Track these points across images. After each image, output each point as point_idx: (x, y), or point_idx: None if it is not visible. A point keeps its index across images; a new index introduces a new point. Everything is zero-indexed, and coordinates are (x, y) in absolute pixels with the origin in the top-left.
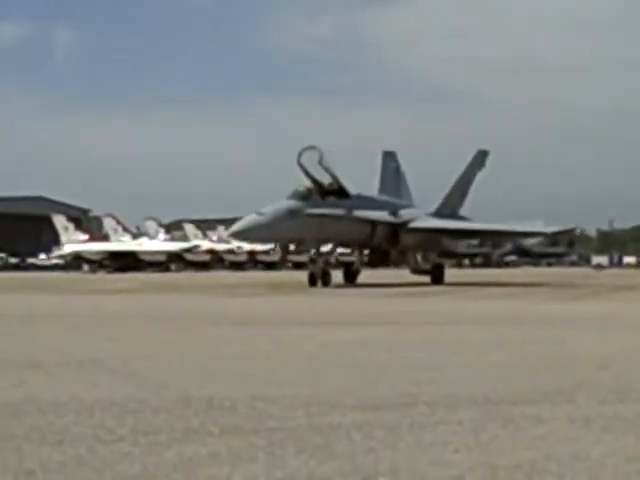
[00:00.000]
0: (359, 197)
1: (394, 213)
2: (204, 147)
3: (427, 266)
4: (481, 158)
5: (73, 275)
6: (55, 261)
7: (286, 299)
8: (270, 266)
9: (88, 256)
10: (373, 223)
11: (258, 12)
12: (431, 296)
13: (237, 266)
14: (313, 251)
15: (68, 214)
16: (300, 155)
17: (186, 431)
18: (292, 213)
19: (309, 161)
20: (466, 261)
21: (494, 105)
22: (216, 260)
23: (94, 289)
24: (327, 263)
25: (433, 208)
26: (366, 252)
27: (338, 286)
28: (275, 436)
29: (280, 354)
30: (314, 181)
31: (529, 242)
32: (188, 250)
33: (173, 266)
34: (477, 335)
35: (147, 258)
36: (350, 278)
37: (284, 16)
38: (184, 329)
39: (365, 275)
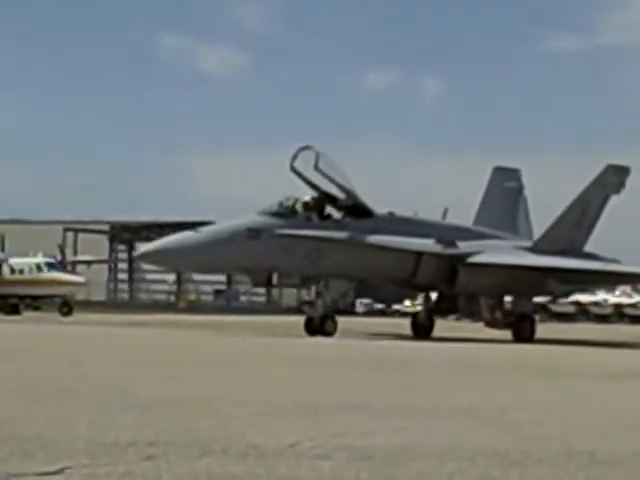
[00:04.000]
0: (390, 218)
1: (448, 242)
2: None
3: (508, 318)
4: (615, 177)
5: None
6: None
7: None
8: (635, 320)
9: None
10: (418, 255)
11: None
12: None
13: (602, 319)
14: (314, 290)
15: None
16: (294, 158)
17: None
18: (253, 233)
19: (305, 166)
20: None
21: None
22: (581, 312)
23: (458, 336)
24: (333, 305)
25: (531, 241)
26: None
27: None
28: None
29: None
30: (323, 194)
31: None
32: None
33: (537, 317)
34: None
35: None
36: (421, 332)
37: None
38: (548, 381)
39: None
